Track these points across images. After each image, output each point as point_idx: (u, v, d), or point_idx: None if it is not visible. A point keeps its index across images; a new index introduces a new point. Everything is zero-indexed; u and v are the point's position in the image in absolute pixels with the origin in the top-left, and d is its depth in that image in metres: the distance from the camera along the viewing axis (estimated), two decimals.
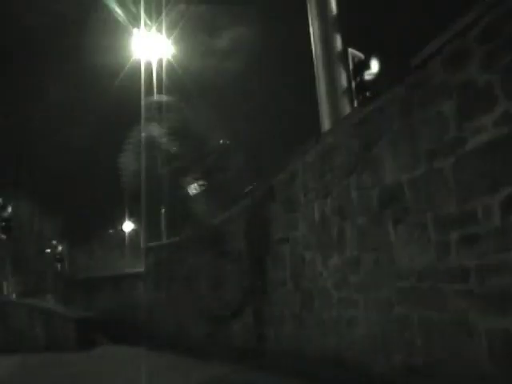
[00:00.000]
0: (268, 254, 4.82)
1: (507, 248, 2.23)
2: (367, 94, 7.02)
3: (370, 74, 7.15)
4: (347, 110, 6.72)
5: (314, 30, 7.15)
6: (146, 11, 16.40)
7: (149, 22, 16.65)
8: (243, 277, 5.43)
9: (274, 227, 4.71)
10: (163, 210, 17.23)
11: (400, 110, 2.95)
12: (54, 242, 27.60)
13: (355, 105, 7.06)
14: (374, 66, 7.16)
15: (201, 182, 7.46)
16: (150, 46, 16.87)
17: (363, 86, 7.20)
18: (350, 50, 7.33)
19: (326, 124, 6.85)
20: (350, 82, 7.25)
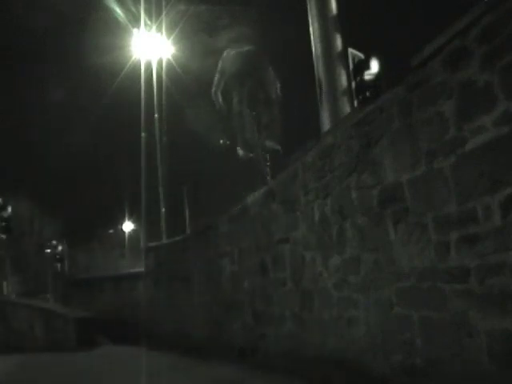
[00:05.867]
0: (269, 254, 4.82)
1: (507, 248, 2.23)
2: (367, 93, 7.02)
3: (370, 74, 7.16)
4: (347, 109, 6.72)
5: (314, 29, 7.15)
6: (145, 11, 16.41)
7: (149, 21, 16.66)
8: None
9: (274, 227, 4.71)
10: (163, 210, 17.24)
11: (400, 110, 2.96)
12: (54, 242, 27.59)
13: (355, 105, 7.07)
14: (374, 66, 7.17)
15: None
16: (150, 46, 16.88)
17: (363, 85, 7.21)
18: (350, 50, 7.34)
19: (325, 124, 6.85)
20: (349, 82, 7.26)
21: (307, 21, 7.20)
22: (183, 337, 7.10)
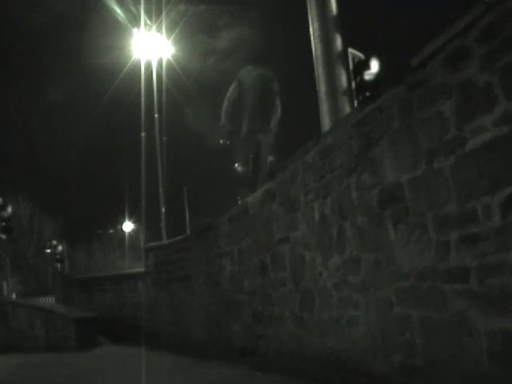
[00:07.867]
0: (269, 254, 4.82)
1: (507, 248, 2.23)
2: (367, 93, 7.03)
3: (369, 74, 7.17)
4: (347, 109, 6.73)
5: (313, 29, 7.17)
6: (145, 11, 16.45)
7: (149, 22, 16.68)
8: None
9: (274, 227, 4.71)
10: (163, 210, 17.25)
11: (400, 110, 2.96)
12: (54, 242, 27.67)
13: (355, 105, 7.08)
14: (374, 66, 7.18)
15: None
16: (150, 46, 16.89)
17: (363, 86, 7.22)
18: (350, 50, 7.36)
19: (326, 124, 6.86)
20: (350, 82, 7.27)
21: (307, 21, 7.21)
22: (183, 337, 7.11)
